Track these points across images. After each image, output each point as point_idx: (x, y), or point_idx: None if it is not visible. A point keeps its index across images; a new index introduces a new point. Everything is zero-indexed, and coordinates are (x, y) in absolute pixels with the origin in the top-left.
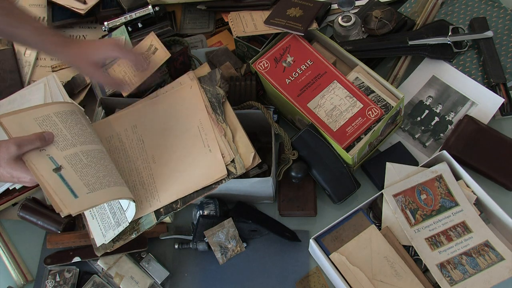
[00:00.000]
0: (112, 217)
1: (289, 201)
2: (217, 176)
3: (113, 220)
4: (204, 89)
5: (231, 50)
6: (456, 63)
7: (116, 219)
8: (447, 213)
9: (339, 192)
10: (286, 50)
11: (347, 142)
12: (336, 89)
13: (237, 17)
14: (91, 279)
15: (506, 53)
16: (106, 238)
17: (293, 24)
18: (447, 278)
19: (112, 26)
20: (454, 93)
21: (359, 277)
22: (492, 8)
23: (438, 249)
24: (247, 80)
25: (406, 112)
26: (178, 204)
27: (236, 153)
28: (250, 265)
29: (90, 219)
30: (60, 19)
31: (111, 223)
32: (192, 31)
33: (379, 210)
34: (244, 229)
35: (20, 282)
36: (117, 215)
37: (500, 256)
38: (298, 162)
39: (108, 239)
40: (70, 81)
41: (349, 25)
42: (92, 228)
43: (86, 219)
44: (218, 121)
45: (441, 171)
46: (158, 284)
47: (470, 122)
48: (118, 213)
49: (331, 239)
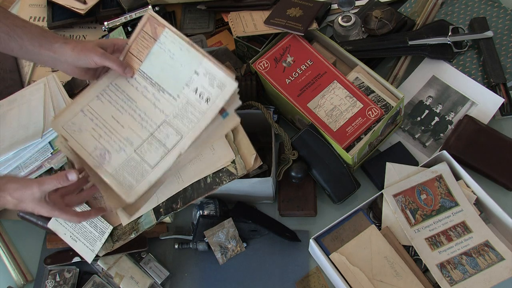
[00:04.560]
0: (94, 230)
1: (289, 201)
2: (223, 162)
3: (96, 232)
4: None
5: (231, 50)
6: (456, 63)
7: (99, 229)
8: (447, 213)
9: (339, 192)
10: (286, 50)
11: (347, 142)
12: (336, 89)
13: (237, 17)
14: (91, 279)
15: (506, 53)
16: (95, 251)
17: (293, 24)
18: (447, 278)
19: (112, 26)
20: (454, 93)
21: (359, 277)
22: (492, 8)
23: (438, 249)
24: (247, 80)
25: (406, 112)
26: (178, 204)
27: (237, 154)
28: (250, 265)
29: (73, 244)
30: (60, 19)
31: (95, 236)
32: (192, 31)
33: (379, 210)
34: (244, 229)
35: (20, 282)
36: (98, 225)
37: (500, 256)
38: (298, 162)
39: (97, 249)
40: (70, 81)
41: (349, 25)
42: (78, 250)
43: (70, 244)
44: None
45: (441, 171)
46: (158, 284)
47: (470, 122)
48: (99, 223)
49: (331, 239)
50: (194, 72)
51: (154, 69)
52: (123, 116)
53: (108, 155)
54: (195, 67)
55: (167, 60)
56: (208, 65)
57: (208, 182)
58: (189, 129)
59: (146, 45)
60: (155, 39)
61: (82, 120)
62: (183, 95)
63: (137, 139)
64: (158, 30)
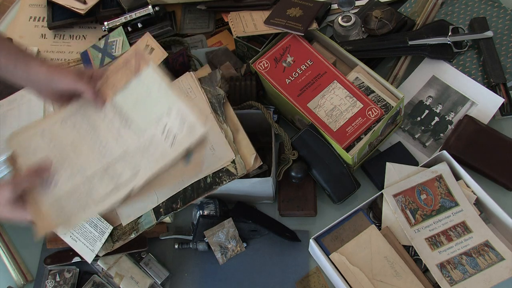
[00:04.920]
0: (94, 230)
1: (289, 201)
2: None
3: (96, 232)
4: (205, 89)
5: (231, 50)
6: (456, 63)
7: (99, 229)
8: (447, 213)
9: (339, 192)
10: (286, 50)
11: (347, 142)
12: (336, 89)
13: (237, 17)
14: (91, 279)
15: (506, 53)
16: (95, 251)
17: (293, 24)
18: (447, 278)
19: (112, 26)
20: (454, 93)
21: (359, 277)
22: (492, 8)
23: (438, 249)
24: (247, 80)
25: (406, 112)
26: (178, 204)
27: (237, 154)
28: (250, 265)
29: (73, 244)
30: (60, 19)
31: (95, 236)
32: (192, 31)
33: (379, 210)
34: (244, 229)
35: (20, 282)
36: (98, 225)
37: (500, 256)
38: (298, 162)
39: (97, 249)
40: None
41: (349, 25)
42: (78, 250)
43: (70, 244)
44: (219, 122)
45: (441, 171)
46: (158, 284)
47: (470, 122)
48: (99, 223)
49: (331, 239)
50: (166, 113)
51: (127, 102)
52: (81, 145)
53: (55, 181)
54: (168, 108)
55: (143, 96)
56: (182, 107)
57: (208, 182)
58: (147, 167)
59: (126, 77)
60: (137, 73)
61: (39, 143)
62: (149, 133)
63: (90, 170)
64: (142, 65)
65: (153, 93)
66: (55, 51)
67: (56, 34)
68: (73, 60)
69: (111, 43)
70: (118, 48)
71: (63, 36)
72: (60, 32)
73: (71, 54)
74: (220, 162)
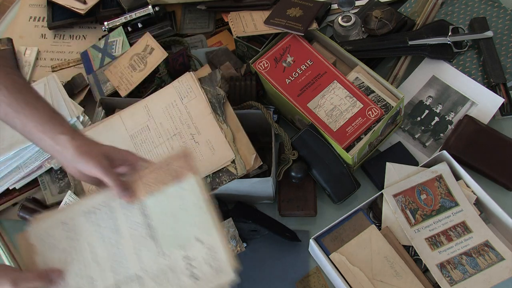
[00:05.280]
0: None
1: (289, 201)
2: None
3: None
4: (205, 89)
5: (231, 50)
6: (456, 63)
7: None
8: (447, 213)
9: (339, 192)
10: (286, 50)
11: (347, 142)
12: (336, 89)
13: (237, 17)
14: None
15: (506, 53)
16: None
17: (293, 24)
18: (447, 278)
19: (112, 26)
20: (454, 93)
21: (359, 277)
22: (492, 8)
23: (438, 249)
24: (247, 80)
25: (406, 112)
26: None
27: (237, 154)
28: (250, 265)
29: None
30: (60, 19)
31: None
32: (192, 31)
33: (379, 210)
34: (244, 229)
35: None
36: None
37: (500, 256)
38: (298, 162)
39: None
40: (70, 81)
41: (349, 25)
42: None
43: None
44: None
45: (441, 171)
46: None
47: (470, 122)
48: None
49: (331, 239)
50: (196, 239)
51: (157, 211)
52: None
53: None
54: (200, 234)
55: (176, 209)
56: (215, 239)
57: (208, 182)
58: None
59: (163, 180)
60: (177, 180)
61: (59, 235)
62: (171, 256)
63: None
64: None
65: (188, 210)
66: (55, 51)
67: (56, 34)
68: (73, 60)
69: (111, 43)
70: (118, 48)
71: (63, 36)
72: (60, 32)
73: (71, 54)
74: (220, 162)
